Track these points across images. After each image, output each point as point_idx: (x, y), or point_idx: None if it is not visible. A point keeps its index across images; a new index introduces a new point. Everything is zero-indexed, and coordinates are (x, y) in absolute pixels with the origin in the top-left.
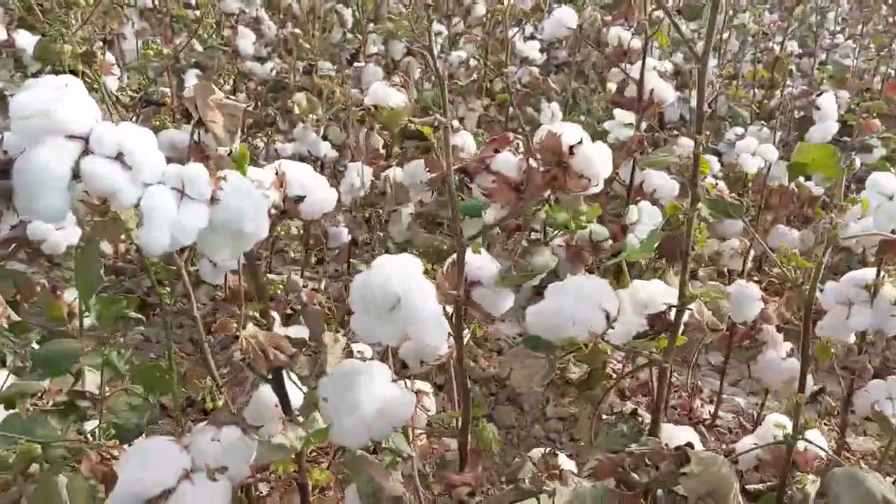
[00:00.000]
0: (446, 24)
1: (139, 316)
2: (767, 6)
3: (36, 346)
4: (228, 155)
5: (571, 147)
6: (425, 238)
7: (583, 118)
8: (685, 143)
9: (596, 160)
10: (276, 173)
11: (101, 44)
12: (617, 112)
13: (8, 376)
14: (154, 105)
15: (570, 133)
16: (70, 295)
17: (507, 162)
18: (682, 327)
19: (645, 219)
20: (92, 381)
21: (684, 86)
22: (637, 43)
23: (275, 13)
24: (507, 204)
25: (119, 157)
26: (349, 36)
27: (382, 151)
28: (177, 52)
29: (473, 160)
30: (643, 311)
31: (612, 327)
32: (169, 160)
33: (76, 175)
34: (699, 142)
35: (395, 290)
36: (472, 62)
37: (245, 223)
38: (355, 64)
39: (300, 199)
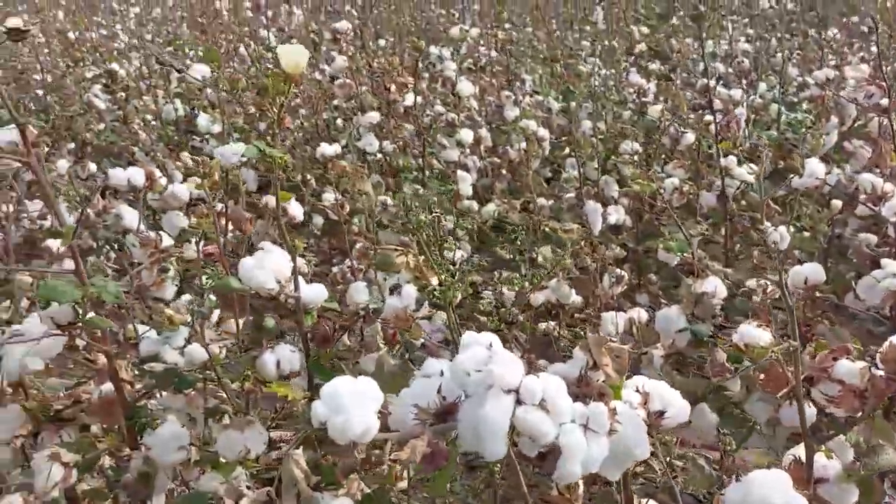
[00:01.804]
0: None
1: None
2: None
3: None
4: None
5: None
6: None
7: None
8: None
9: None
10: (638, 390)
11: None
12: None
13: None
14: None
15: None
16: None
17: (850, 370)
18: None
19: None
20: None
21: None
22: (889, 187)
23: None
24: (850, 410)
25: (541, 403)
26: None
27: None
28: None
29: (815, 368)
30: None
31: None
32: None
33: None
34: None
35: None
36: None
37: (636, 449)
38: None
39: (661, 413)
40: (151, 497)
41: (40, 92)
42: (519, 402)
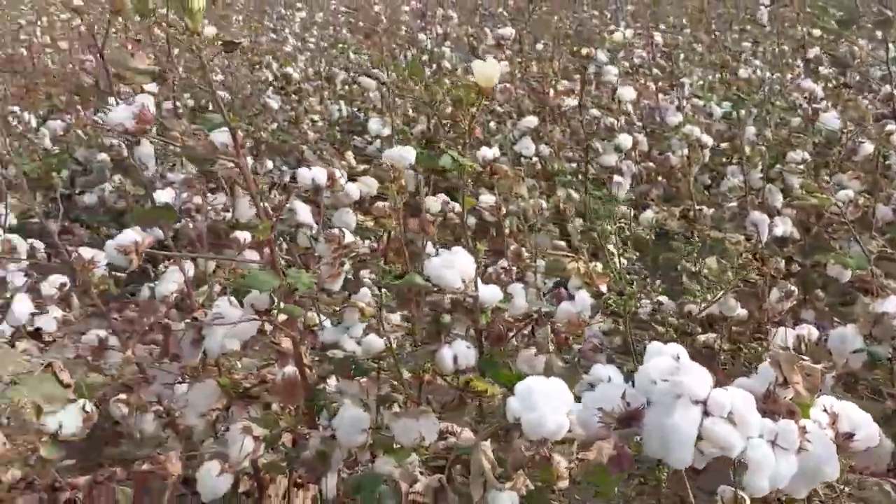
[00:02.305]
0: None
1: None
2: None
3: None
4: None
5: None
6: None
7: None
8: None
9: None
10: (826, 410)
11: None
12: None
13: None
14: None
15: None
16: None
17: None
18: None
19: None
20: None
21: None
22: None
23: None
24: None
25: (729, 416)
26: None
27: None
28: None
29: None
30: None
31: None
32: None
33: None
34: None
35: None
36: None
37: (826, 468)
38: None
39: (850, 435)
40: (326, 474)
41: (225, 94)
42: (706, 413)
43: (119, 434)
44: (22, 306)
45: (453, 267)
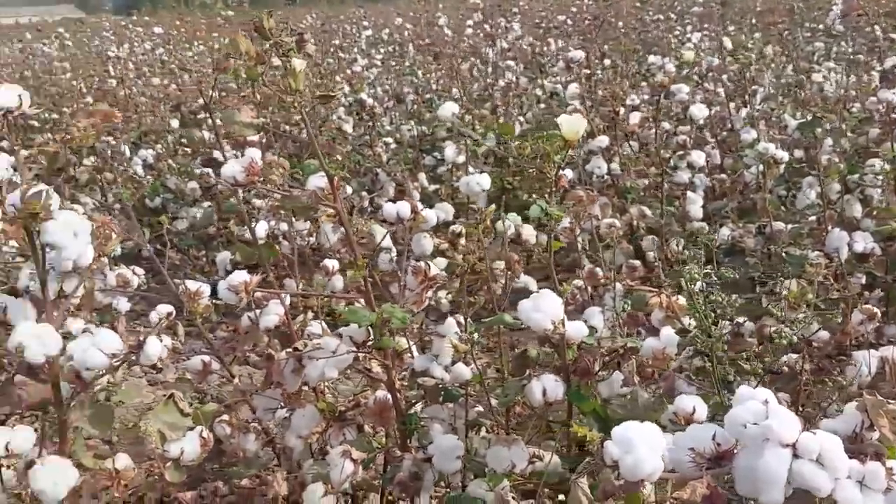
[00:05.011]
0: None
1: None
2: None
3: None
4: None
5: None
6: None
7: None
8: None
9: None
10: None
11: None
12: None
13: None
14: None
15: None
16: None
17: None
18: None
19: None
20: None
21: None
22: None
23: None
24: None
25: (818, 458)
26: None
27: None
28: None
29: None
30: None
31: None
32: None
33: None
34: None
35: None
36: None
37: None
38: None
39: None
40: (419, 494)
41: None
42: (796, 455)
43: (222, 452)
44: (154, 346)
45: (541, 310)
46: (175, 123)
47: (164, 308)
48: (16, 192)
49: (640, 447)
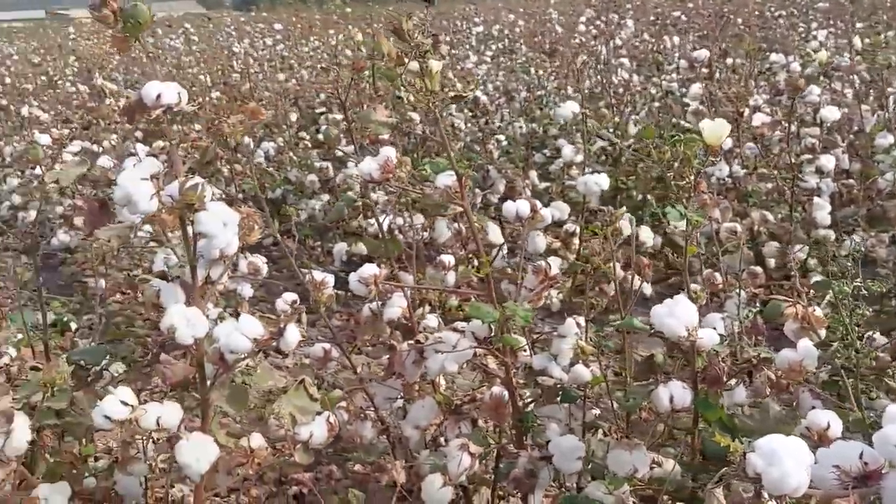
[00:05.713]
0: None
1: None
2: None
3: None
4: None
5: None
6: None
7: None
8: None
9: None
10: None
11: None
12: None
13: None
14: None
15: None
16: None
17: None
18: None
19: None
20: None
21: None
22: None
23: None
24: None
25: None
26: None
27: None
28: None
29: None
30: None
31: None
32: None
33: None
34: None
35: None
36: None
37: None
38: None
39: None
40: (534, 491)
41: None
42: None
43: (338, 437)
44: (293, 334)
45: (675, 315)
46: (293, 118)
47: (290, 296)
48: (174, 184)
49: (787, 460)
